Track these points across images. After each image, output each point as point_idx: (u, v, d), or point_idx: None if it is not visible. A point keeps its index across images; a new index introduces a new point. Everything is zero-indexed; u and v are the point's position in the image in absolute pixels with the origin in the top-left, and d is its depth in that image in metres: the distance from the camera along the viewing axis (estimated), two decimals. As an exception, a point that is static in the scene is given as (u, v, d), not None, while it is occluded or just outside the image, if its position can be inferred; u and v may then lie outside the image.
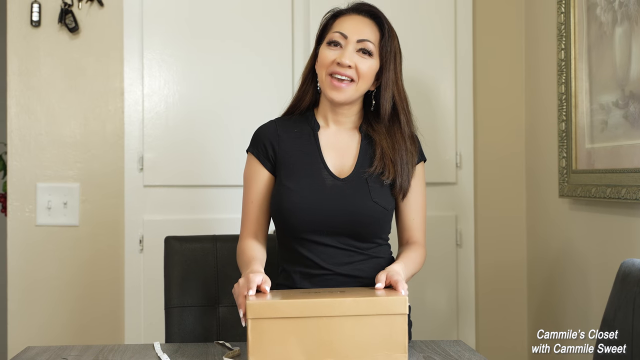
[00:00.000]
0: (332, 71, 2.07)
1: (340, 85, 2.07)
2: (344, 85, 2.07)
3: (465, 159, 3.10)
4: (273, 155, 2.14)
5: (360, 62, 2.07)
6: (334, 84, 2.07)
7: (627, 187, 2.25)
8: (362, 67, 2.07)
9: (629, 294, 1.66)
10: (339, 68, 2.06)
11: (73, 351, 1.93)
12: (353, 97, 2.10)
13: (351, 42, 2.08)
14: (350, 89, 2.08)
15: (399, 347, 1.74)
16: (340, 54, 2.07)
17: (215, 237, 2.40)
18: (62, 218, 2.98)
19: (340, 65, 2.06)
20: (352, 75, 2.06)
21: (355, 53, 2.08)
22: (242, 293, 1.83)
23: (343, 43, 2.08)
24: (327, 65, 2.08)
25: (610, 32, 2.40)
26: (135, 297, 2.97)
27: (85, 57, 2.99)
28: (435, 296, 3.08)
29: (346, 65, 2.05)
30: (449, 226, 3.09)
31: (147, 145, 2.98)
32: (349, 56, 2.06)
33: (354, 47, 2.08)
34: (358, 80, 2.07)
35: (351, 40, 2.08)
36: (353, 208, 2.06)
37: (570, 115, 2.64)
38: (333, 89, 2.07)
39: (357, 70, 2.07)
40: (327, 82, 2.08)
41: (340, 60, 2.05)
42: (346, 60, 2.05)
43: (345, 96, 2.08)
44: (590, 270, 2.57)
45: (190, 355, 1.89)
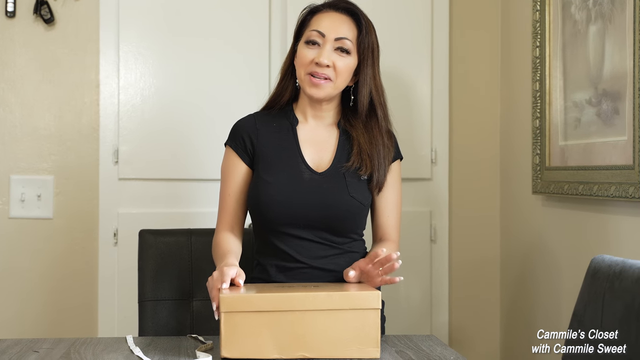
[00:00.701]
0: (311, 71, 2.09)
1: (319, 83, 2.09)
2: (323, 82, 2.09)
3: (440, 155, 3.11)
4: (251, 148, 2.15)
5: (338, 60, 2.09)
6: (313, 82, 2.09)
7: (599, 184, 2.28)
8: (340, 65, 2.09)
9: (599, 290, 1.68)
10: (317, 68, 2.08)
11: (45, 344, 1.92)
12: (331, 94, 2.12)
13: (329, 40, 2.09)
14: (329, 86, 2.10)
15: (371, 342, 1.75)
16: (318, 53, 2.08)
17: (190, 231, 2.40)
18: (36, 211, 2.96)
19: (319, 65, 2.07)
20: (330, 74, 2.08)
21: (333, 51, 2.09)
22: (216, 286, 1.83)
23: (321, 42, 2.10)
24: (305, 64, 2.10)
25: (584, 30, 2.42)
26: (109, 290, 2.96)
27: (60, 49, 2.97)
28: (409, 291, 3.09)
29: (324, 65, 2.07)
30: (424, 222, 3.10)
31: (123, 138, 2.97)
32: (327, 55, 2.08)
33: (331, 46, 2.09)
34: (336, 79, 2.09)
35: (329, 38, 2.09)
36: (330, 202, 2.07)
37: (545, 113, 2.66)
38: (312, 86, 2.09)
39: (335, 68, 2.08)
40: (306, 80, 2.10)
41: (318, 60, 2.07)
42: (324, 60, 2.07)
43: (324, 93, 2.10)
44: (562, 266, 2.59)
45: (162, 348, 1.88)
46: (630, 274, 1.60)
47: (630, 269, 1.62)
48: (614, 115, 2.24)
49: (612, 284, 1.64)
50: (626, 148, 2.16)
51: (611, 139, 2.25)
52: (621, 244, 2.22)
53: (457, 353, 1.85)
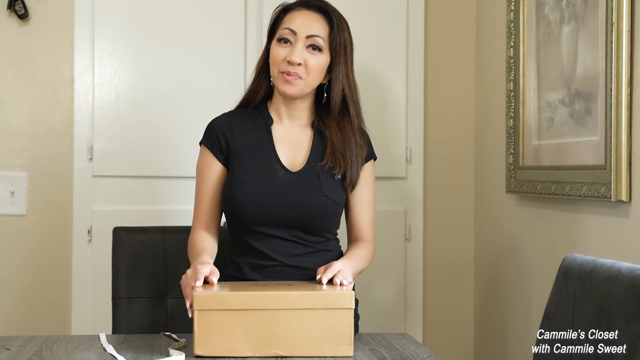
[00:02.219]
0: (283, 70, 2.09)
1: (292, 80, 2.09)
2: (295, 80, 2.09)
3: (415, 153, 3.12)
4: (226, 147, 2.15)
5: (310, 58, 2.10)
6: (285, 79, 2.10)
7: (571, 183, 2.30)
8: (312, 63, 2.10)
9: (570, 288, 1.69)
10: (289, 67, 2.08)
11: (17, 342, 1.92)
12: (304, 91, 2.13)
13: (300, 38, 2.10)
14: (301, 83, 2.11)
15: (344, 340, 1.76)
16: (290, 51, 2.09)
17: (164, 229, 2.39)
18: (9, 207, 2.94)
19: (291, 63, 2.08)
20: (301, 72, 2.09)
21: (305, 49, 2.10)
22: (190, 284, 1.83)
23: (292, 40, 2.10)
24: (278, 63, 2.11)
25: (557, 30, 2.44)
26: (83, 287, 2.95)
27: (34, 45, 2.95)
28: (383, 290, 3.10)
29: (296, 63, 2.08)
30: (398, 220, 3.11)
31: (97, 135, 2.95)
32: (298, 53, 2.08)
33: (303, 44, 2.10)
34: (307, 76, 2.10)
35: (300, 36, 2.10)
36: (304, 201, 2.08)
37: (518, 112, 2.68)
38: (285, 83, 2.10)
39: (307, 66, 2.09)
40: (279, 78, 2.11)
41: (290, 58, 2.08)
42: (296, 58, 2.08)
43: (297, 90, 2.11)
44: (535, 265, 2.61)
45: (135, 346, 1.88)
46: (601, 273, 1.62)
47: (601, 268, 1.63)
48: (587, 116, 2.26)
49: (584, 283, 1.65)
50: (598, 148, 2.18)
51: (583, 139, 2.27)
52: (592, 243, 2.24)
53: (429, 351, 1.86)
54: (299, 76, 2.09)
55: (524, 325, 2.68)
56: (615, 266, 1.60)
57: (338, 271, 1.92)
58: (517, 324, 2.75)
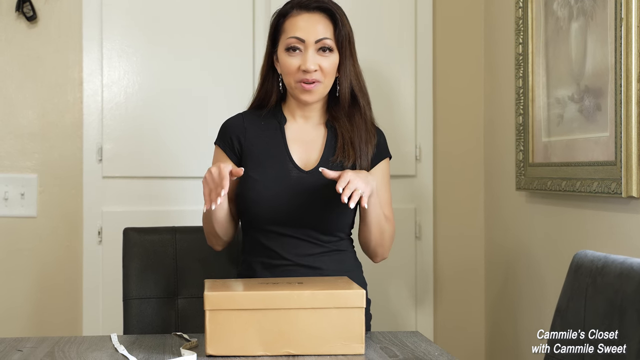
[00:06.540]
0: (300, 79, 2.08)
1: (312, 88, 2.09)
2: (315, 87, 2.09)
3: (424, 152, 3.12)
4: (239, 147, 2.15)
5: (323, 61, 2.09)
6: (304, 88, 2.09)
7: (582, 180, 2.29)
8: (326, 65, 2.09)
9: (582, 284, 1.69)
10: (306, 75, 2.08)
11: (29, 343, 1.92)
12: (324, 93, 2.14)
13: (310, 45, 2.09)
14: (320, 87, 2.11)
15: (356, 338, 1.76)
16: (303, 60, 2.08)
17: (175, 229, 2.39)
18: (20, 209, 2.95)
19: (307, 71, 2.07)
20: (318, 77, 2.09)
21: (316, 53, 2.09)
22: (213, 186, 1.89)
23: (302, 47, 2.09)
24: (292, 73, 2.10)
25: (566, 27, 2.43)
26: (94, 288, 2.95)
27: (43, 47, 2.96)
28: (394, 288, 3.10)
29: (312, 71, 2.07)
30: (408, 218, 3.11)
31: (106, 136, 2.96)
32: (312, 60, 2.08)
33: (313, 49, 2.09)
34: (324, 79, 2.10)
35: (309, 43, 2.09)
36: (317, 200, 2.08)
37: (528, 109, 2.67)
38: (304, 92, 2.10)
39: (322, 70, 2.09)
40: (297, 88, 2.10)
41: (305, 67, 2.07)
42: (311, 66, 2.07)
43: (318, 96, 2.12)
44: (546, 261, 2.61)
45: (147, 347, 1.88)
46: (612, 269, 1.62)
47: (612, 264, 1.63)
48: (596, 112, 2.25)
49: (595, 280, 1.65)
50: (608, 144, 2.17)
51: (593, 135, 2.27)
52: (603, 239, 2.23)
53: (441, 349, 1.86)
54: (317, 80, 2.08)
55: (536, 322, 2.67)
56: (626, 262, 1.59)
57: (355, 189, 1.90)
58: (528, 321, 2.75)
